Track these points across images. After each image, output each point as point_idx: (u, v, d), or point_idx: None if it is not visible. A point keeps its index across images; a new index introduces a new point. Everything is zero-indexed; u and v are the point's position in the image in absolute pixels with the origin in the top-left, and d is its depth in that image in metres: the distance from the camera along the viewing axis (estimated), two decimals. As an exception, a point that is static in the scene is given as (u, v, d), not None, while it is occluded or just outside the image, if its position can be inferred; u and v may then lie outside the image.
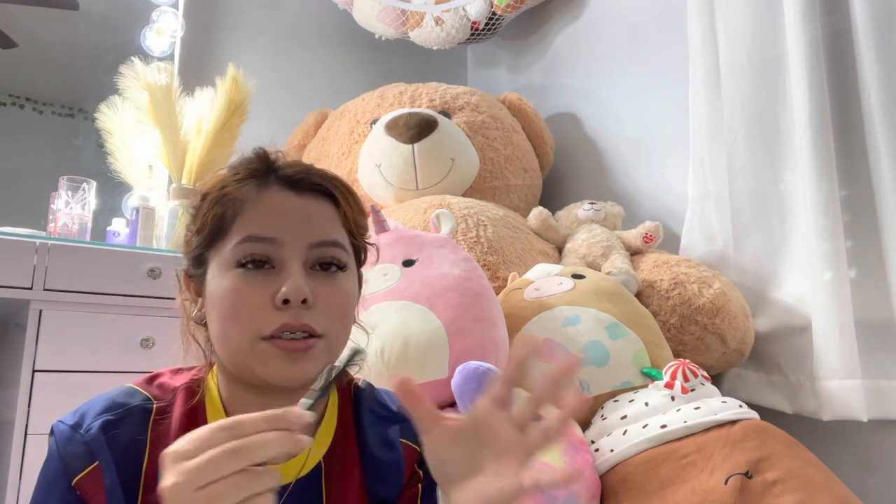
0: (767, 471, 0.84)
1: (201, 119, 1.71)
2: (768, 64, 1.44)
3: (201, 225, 0.59)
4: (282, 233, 0.57)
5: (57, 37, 1.81)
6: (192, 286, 0.62)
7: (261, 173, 0.60)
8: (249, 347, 0.55)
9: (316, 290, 0.56)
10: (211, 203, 0.59)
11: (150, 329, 1.28)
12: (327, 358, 0.58)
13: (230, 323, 0.56)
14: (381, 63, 2.32)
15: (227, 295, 0.56)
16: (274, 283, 0.55)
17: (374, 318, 1.01)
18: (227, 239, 0.57)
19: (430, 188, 1.64)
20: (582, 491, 0.86)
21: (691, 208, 1.57)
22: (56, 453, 0.55)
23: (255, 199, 0.58)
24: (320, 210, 0.60)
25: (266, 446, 0.41)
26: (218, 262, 0.58)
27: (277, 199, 0.59)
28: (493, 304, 1.09)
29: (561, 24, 2.18)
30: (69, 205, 1.53)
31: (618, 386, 1.05)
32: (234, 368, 0.58)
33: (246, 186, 0.59)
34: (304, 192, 0.60)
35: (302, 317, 0.55)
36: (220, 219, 0.58)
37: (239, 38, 2.11)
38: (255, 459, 0.40)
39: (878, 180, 1.27)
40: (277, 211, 0.58)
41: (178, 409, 0.59)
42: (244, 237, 0.57)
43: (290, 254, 0.57)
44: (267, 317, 0.55)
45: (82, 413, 0.57)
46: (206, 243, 0.59)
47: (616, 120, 1.93)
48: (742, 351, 1.36)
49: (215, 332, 0.58)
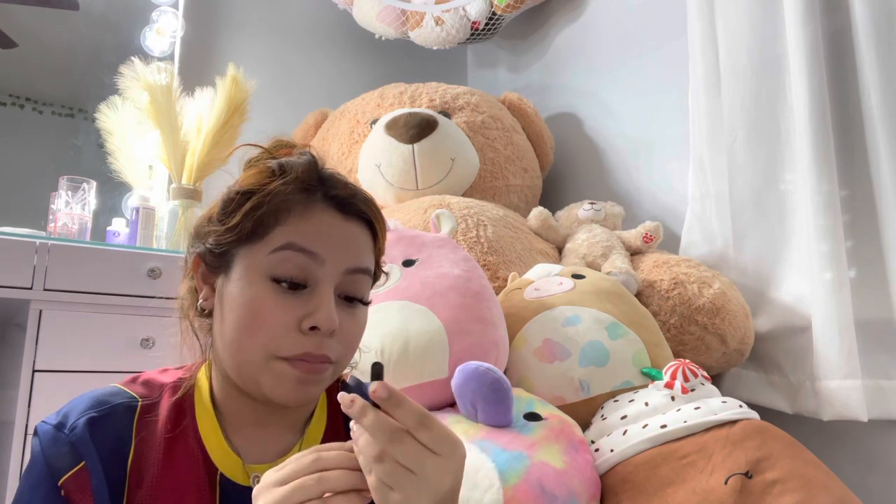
0: (767, 471, 0.84)
1: (201, 119, 1.71)
2: (768, 64, 1.44)
3: (237, 221, 0.57)
4: (325, 251, 0.56)
5: (57, 37, 1.81)
6: (203, 274, 0.60)
7: (310, 186, 0.58)
8: (262, 364, 0.54)
9: (340, 320, 0.56)
10: (253, 204, 0.56)
11: (150, 329, 1.28)
12: (330, 381, 0.59)
13: (247, 334, 0.55)
14: (381, 63, 2.32)
15: (252, 305, 0.54)
16: (304, 305, 0.55)
17: (374, 318, 1.01)
18: (264, 244, 0.56)
19: (430, 188, 1.64)
20: (582, 491, 0.86)
21: (691, 208, 1.57)
22: (40, 454, 0.54)
23: (301, 213, 0.57)
24: (361, 237, 0.60)
25: (342, 481, 0.47)
26: (247, 266, 0.56)
27: (324, 218, 0.58)
28: (493, 304, 1.09)
29: (561, 24, 2.18)
30: (69, 205, 1.53)
31: (618, 386, 1.05)
32: (238, 376, 0.57)
33: (295, 196, 0.57)
34: (350, 217, 0.60)
35: (323, 346, 0.55)
36: (259, 221, 0.56)
37: (239, 38, 2.11)
38: (332, 490, 0.46)
39: (878, 180, 1.27)
40: (323, 230, 0.57)
41: (165, 405, 0.59)
42: (286, 244, 0.55)
43: (327, 275, 0.56)
44: (290, 339, 0.54)
45: (66, 412, 0.56)
46: (236, 241, 0.57)
47: (616, 120, 1.93)
48: (742, 351, 1.36)
49: (227, 337, 0.56)
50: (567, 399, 1.05)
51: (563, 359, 1.07)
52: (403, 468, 0.46)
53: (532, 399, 1.00)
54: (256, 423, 0.60)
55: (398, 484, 0.46)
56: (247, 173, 0.60)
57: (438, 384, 0.98)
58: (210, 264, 0.59)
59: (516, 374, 1.10)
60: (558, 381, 1.06)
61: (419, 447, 0.47)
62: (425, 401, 0.99)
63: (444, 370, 0.98)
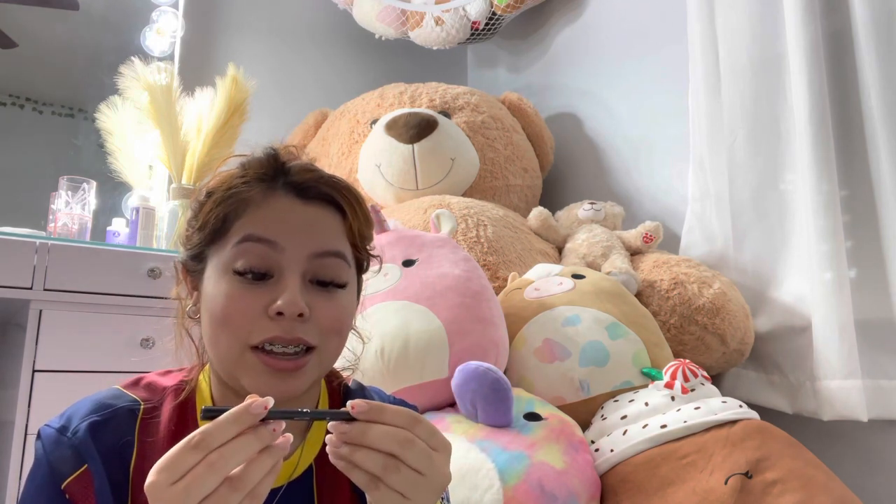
0: (767, 471, 0.84)
1: (201, 119, 1.71)
2: (768, 64, 1.44)
3: (203, 222, 0.58)
4: (283, 238, 0.56)
5: (57, 37, 1.81)
6: (189, 280, 0.61)
7: (269, 177, 0.59)
8: (238, 356, 0.54)
9: (312, 303, 0.55)
10: (215, 202, 0.57)
11: (150, 329, 1.27)
12: (318, 372, 0.57)
13: (220, 327, 0.55)
14: (381, 63, 2.32)
15: (220, 299, 0.55)
16: (270, 293, 0.54)
17: (374, 318, 1.01)
18: (228, 239, 0.56)
19: (430, 188, 1.64)
20: (582, 491, 0.86)
21: (691, 208, 1.57)
22: (44, 457, 0.54)
23: (259, 202, 0.57)
24: (325, 219, 0.59)
25: (240, 451, 0.42)
26: (216, 263, 0.57)
27: (282, 205, 0.58)
28: (493, 304, 1.09)
29: (561, 24, 2.18)
30: (69, 205, 1.53)
31: (618, 386, 1.05)
32: (223, 373, 0.58)
33: (252, 189, 0.58)
34: (311, 200, 0.59)
35: (295, 330, 0.54)
36: (222, 219, 0.57)
37: (239, 38, 2.11)
38: (235, 466, 0.42)
39: (878, 180, 1.27)
40: (280, 216, 0.57)
41: (167, 408, 0.59)
42: (244, 236, 0.55)
43: (290, 262, 0.55)
44: (258, 325, 0.54)
45: (68, 416, 0.56)
46: (206, 241, 0.58)
47: (616, 120, 1.93)
48: (742, 351, 1.36)
49: (206, 334, 0.57)
50: (567, 399, 1.05)
51: (563, 359, 1.07)
52: (417, 473, 0.46)
53: (532, 399, 1.00)
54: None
55: (413, 490, 0.45)
56: (213, 177, 0.61)
57: (438, 384, 0.98)
58: (191, 269, 0.60)
59: (516, 374, 1.10)
60: (558, 381, 1.06)
61: (425, 447, 0.47)
62: (425, 401, 0.99)
63: (444, 370, 0.98)
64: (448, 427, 0.92)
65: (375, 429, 0.46)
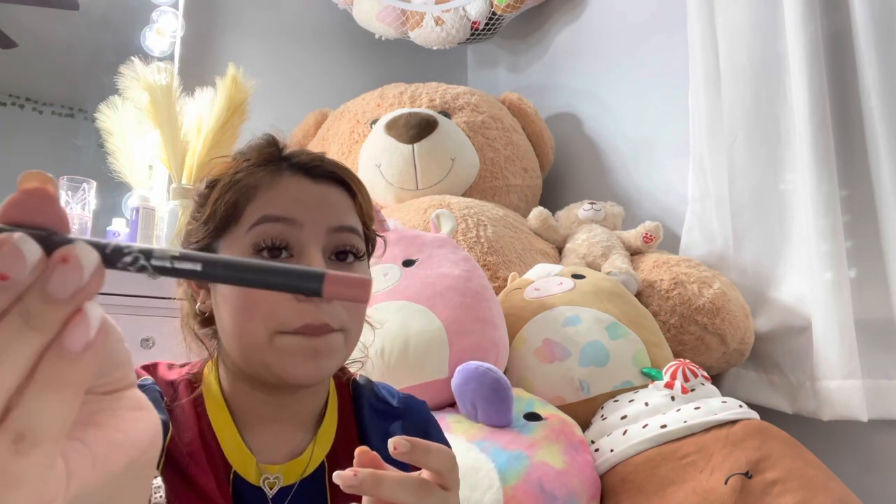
0: (767, 471, 0.84)
1: (201, 119, 1.71)
2: (768, 64, 1.44)
3: (211, 212, 0.56)
4: (301, 214, 0.55)
5: (57, 37, 1.81)
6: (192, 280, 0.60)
7: (274, 159, 0.58)
8: (266, 342, 0.53)
9: None
10: (222, 190, 0.56)
11: (150, 329, 1.27)
12: (344, 354, 0.57)
13: (245, 316, 0.53)
14: (381, 63, 2.32)
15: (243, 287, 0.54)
16: None
17: (374, 318, 1.01)
18: (240, 226, 0.55)
19: (430, 188, 1.64)
20: (582, 491, 0.86)
21: (691, 208, 1.57)
22: None
23: (269, 185, 0.56)
24: (337, 196, 0.59)
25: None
26: (230, 253, 0.55)
27: (293, 184, 0.57)
28: (493, 304, 1.09)
29: (561, 24, 2.18)
30: (69, 205, 1.53)
31: (618, 386, 1.05)
32: (247, 365, 0.56)
33: (259, 172, 0.57)
34: (320, 179, 0.59)
35: (322, 315, 0.53)
36: (232, 206, 0.56)
37: (239, 38, 2.11)
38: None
39: (878, 180, 1.27)
40: (294, 195, 0.56)
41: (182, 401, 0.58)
42: (260, 218, 0.54)
43: (310, 237, 0.55)
44: (288, 309, 0.53)
45: None
46: (215, 233, 0.57)
47: (616, 120, 1.93)
48: (742, 351, 1.36)
49: (227, 328, 0.55)
50: (567, 399, 1.05)
51: (563, 359, 1.07)
52: None
53: (532, 399, 1.00)
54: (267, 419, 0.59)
55: None
56: (213, 168, 0.60)
57: (438, 384, 0.98)
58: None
59: (516, 374, 1.10)
60: (558, 381, 1.06)
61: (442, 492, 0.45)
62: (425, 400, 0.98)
63: (444, 370, 0.98)
64: (448, 427, 0.92)
65: (390, 483, 0.43)
